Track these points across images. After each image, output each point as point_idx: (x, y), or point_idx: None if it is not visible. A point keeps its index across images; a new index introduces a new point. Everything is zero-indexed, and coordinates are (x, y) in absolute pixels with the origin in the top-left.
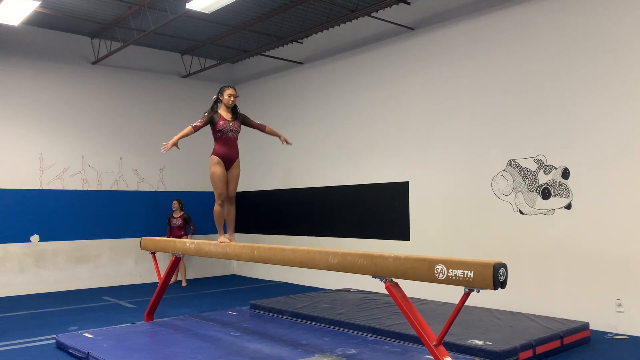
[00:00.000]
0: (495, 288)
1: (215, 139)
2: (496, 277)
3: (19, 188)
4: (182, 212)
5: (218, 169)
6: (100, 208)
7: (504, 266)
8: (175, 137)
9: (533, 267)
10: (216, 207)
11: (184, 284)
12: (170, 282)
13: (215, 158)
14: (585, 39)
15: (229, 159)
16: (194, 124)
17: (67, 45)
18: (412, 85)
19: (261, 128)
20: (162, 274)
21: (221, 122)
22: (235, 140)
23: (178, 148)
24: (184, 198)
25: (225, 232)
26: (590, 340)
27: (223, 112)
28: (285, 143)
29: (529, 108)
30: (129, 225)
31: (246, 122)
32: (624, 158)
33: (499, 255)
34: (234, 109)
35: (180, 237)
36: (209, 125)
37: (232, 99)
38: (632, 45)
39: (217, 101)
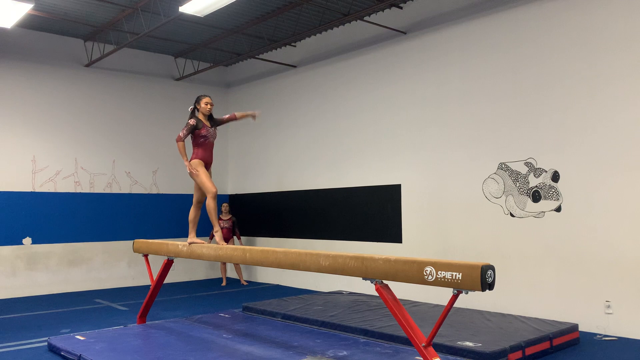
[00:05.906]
0: (483, 289)
1: (197, 145)
2: (484, 279)
3: (12, 190)
4: (230, 215)
5: (204, 170)
6: (93, 211)
7: (492, 268)
8: (184, 159)
9: (523, 269)
10: (212, 202)
11: (243, 282)
12: (223, 284)
13: (201, 162)
14: (575, 45)
15: (209, 163)
16: (181, 137)
17: (61, 48)
18: (404, 89)
19: (232, 118)
20: (155, 277)
21: (204, 129)
22: (213, 145)
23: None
24: (177, 200)
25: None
26: (579, 341)
27: (202, 119)
28: (255, 118)
29: (520, 112)
30: (122, 228)
31: (220, 123)
32: (613, 161)
33: (489, 258)
34: (210, 117)
35: (227, 239)
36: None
37: (209, 106)
38: (622, 51)
39: (195, 110)
